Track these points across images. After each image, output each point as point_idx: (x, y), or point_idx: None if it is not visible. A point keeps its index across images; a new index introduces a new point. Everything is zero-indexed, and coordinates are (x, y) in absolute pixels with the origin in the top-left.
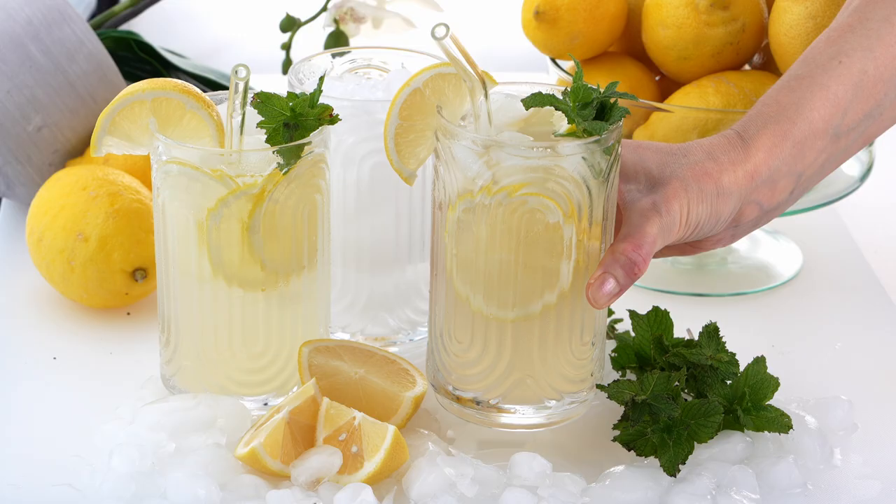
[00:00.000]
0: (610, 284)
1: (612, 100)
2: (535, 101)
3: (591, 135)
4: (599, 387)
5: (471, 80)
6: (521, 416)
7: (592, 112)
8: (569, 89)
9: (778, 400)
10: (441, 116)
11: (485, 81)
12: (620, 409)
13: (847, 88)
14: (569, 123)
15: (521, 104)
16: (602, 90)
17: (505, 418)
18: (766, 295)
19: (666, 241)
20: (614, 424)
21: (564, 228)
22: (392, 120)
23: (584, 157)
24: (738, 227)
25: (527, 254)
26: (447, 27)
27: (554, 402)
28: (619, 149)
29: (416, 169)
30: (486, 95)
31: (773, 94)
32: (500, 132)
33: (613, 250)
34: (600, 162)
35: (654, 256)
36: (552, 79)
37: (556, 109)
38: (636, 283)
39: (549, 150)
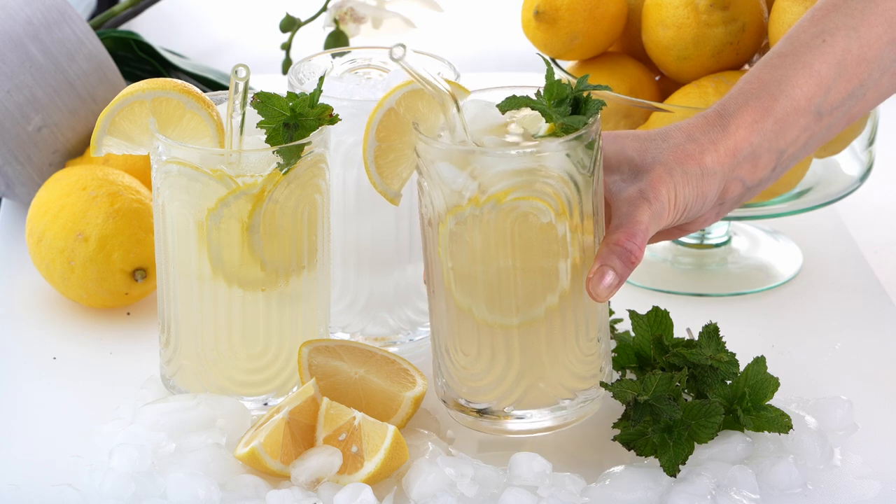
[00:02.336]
0: (609, 277)
1: (585, 93)
2: (511, 104)
3: (569, 131)
4: (604, 385)
5: (440, 96)
6: (537, 420)
7: (568, 109)
8: (542, 88)
9: (778, 400)
10: (418, 132)
11: (454, 96)
12: (620, 409)
13: (830, 67)
14: (546, 122)
15: (496, 110)
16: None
17: (520, 425)
18: (766, 295)
19: (658, 227)
20: (614, 424)
21: (557, 227)
22: (370, 143)
23: (567, 154)
24: (723, 204)
25: (524, 258)
26: (404, 47)
27: (567, 401)
28: (601, 141)
29: (401, 188)
30: (458, 108)
31: (755, 71)
32: (477, 140)
33: (608, 242)
34: (584, 157)
35: (647, 243)
36: None
37: (532, 109)
38: (637, 283)
39: (532, 150)
